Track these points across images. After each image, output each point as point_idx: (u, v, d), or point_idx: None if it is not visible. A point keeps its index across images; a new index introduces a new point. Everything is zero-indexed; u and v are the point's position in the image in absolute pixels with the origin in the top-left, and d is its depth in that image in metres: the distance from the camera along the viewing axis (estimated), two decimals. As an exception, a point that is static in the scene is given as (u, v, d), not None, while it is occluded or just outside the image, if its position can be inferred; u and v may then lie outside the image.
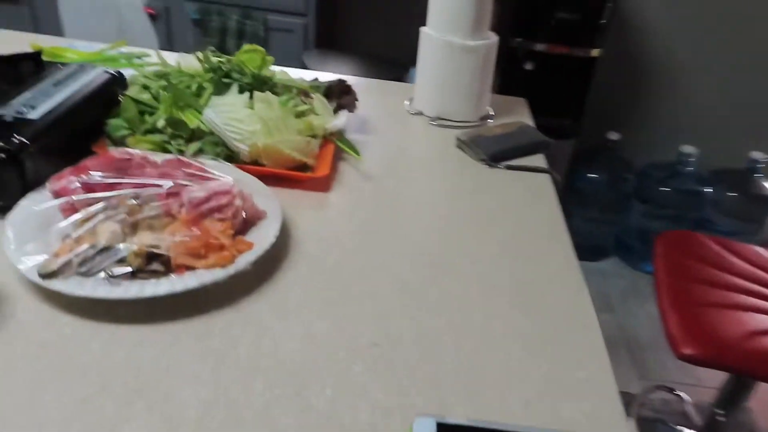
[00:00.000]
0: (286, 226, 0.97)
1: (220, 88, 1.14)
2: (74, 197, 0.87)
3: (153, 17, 3.82)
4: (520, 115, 1.46)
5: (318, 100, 1.21)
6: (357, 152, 1.19)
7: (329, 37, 2.92)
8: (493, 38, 1.35)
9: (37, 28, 2.68)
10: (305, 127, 1.14)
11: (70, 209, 0.87)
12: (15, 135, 0.90)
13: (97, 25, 2.47)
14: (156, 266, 0.78)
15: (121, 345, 0.72)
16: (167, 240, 0.81)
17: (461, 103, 1.38)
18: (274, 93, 1.16)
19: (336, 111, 1.25)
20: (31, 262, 0.77)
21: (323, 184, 1.11)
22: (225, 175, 0.93)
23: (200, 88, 1.19)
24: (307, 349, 0.75)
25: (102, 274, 0.76)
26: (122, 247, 0.77)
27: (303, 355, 0.74)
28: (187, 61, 1.29)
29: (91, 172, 0.89)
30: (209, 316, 0.78)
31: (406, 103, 1.45)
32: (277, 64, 1.32)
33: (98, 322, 0.75)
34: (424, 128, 1.37)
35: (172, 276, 0.78)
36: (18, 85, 1.05)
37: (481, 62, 1.34)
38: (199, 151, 1.08)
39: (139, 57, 1.48)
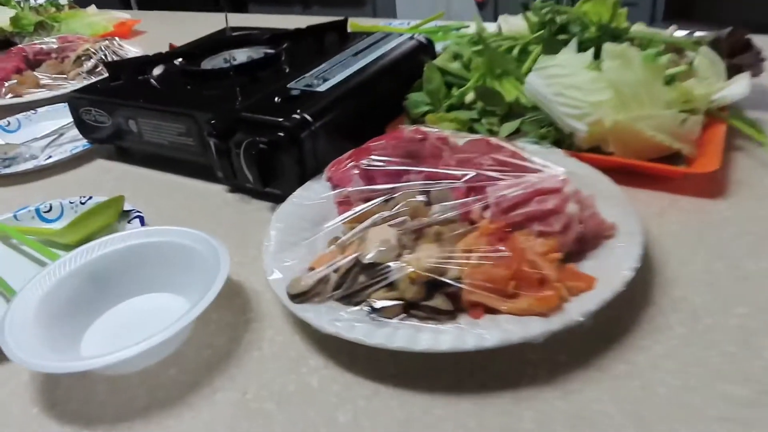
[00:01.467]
0: (649, 252, 0.60)
1: (552, 47, 0.82)
2: (349, 188, 0.66)
3: (480, 5, 3.71)
4: None
5: (703, 58, 0.79)
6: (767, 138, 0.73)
7: (682, 9, 2.33)
8: None
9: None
10: (679, 97, 0.74)
11: (346, 203, 0.66)
12: (298, 111, 0.73)
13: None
14: (438, 302, 0.50)
15: (375, 416, 0.47)
16: (458, 260, 0.52)
17: None
18: (632, 48, 0.78)
19: (729, 75, 0.80)
20: (286, 272, 0.57)
21: (708, 186, 0.70)
22: (553, 166, 0.60)
23: (523, 52, 0.88)
24: None
25: (363, 304, 0.52)
26: (394, 266, 0.51)
27: None
28: (511, 24, 1.00)
29: (373, 156, 0.66)
30: (511, 395, 0.47)
31: None
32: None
33: (351, 373, 0.51)
34: None
35: (461, 321, 0.50)
36: (319, 56, 0.90)
37: None
38: (516, 133, 0.78)
39: (457, 29, 1.26)
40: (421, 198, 0.60)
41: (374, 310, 0.50)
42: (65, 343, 0.55)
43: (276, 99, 0.77)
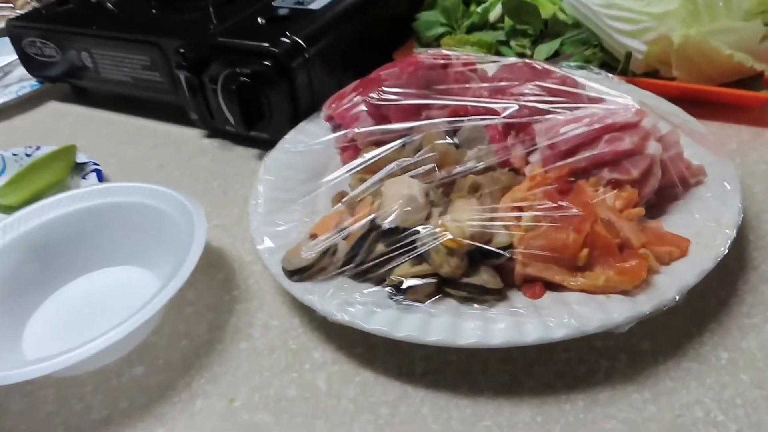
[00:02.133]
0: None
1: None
2: (356, 129, 0.52)
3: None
4: None
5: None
6: None
7: None
8: None
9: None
10: (760, 6, 0.59)
11: (352, 149, 0.53)
12: (288, 34, 0.59)
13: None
14: (485, 277, 0.38)
15: (402, 427, 0.36)
16: (507, 221, 0.39)
17: None
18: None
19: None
20: (280, 240, 0.44)
21: (799, 116, 0.57)
22: (619, 94, 0.46)
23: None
24: None
25: (384, 283, 0.40)
26: (423, 231, 0.39)
27: None
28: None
29: (384, 87, 0.53)
30: (584, 398, 0.36)
31: None
32: None
33: (369, 370, 0.39)
34: None
35: (515, 302, 0.38)
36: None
37: None
38: (554, 56, 0.64)
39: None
40: (449, 140, 0.47)
41: (399, 290, 0.38)
42: (0, 337, 0.43)
43: (260, 20, 0.63)
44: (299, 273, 0.40)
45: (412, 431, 0.36)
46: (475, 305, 0.37)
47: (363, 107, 0.53)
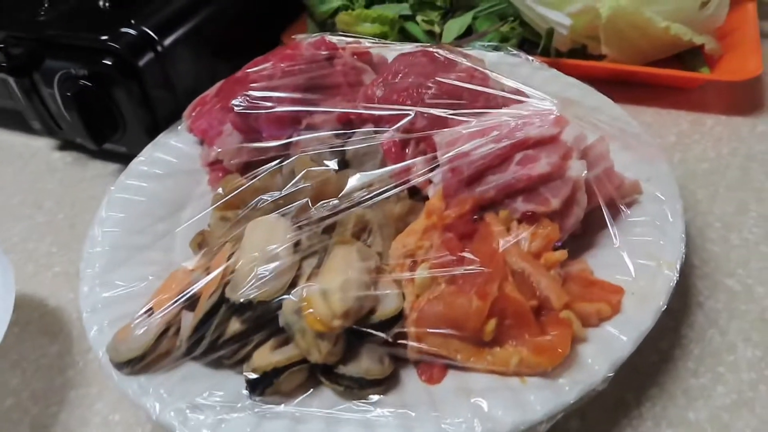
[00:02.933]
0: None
1: None
2: (216, 147, 0.42)
3: None
4: None
5: None
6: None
7: None
8: None
9: None
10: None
11: (221, 171, 0.43)
12: (132, 22, 0.47)
13: None
14: (366, 365, 0.29)
15: None
16: (397, 279, 0.31)
17: None
18: None
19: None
20: (117, 311, 0.34)
21: (739, 96, 0.49)
22: (536, 93, 0.37)
23: None
24: None
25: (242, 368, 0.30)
26: (287, 305, 0.29)
27: None
28: None
29: (252, 90, 0.42)
30: None
31: None
32: None
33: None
34: None
35: (408, 389, 0.29)
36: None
37: None
38: (467, 34, 0.54)
39: None
40: (331, 164, 0.37)
41: (254, 385, 0.29)
42: None
43: (101, 3, 0.50)
44: (130, 364, 0.31)
45: None
46: (358, 403, 0.29)
47: (228, 116, 0.42)
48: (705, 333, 0.34)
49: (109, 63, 0.45)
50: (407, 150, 0.39)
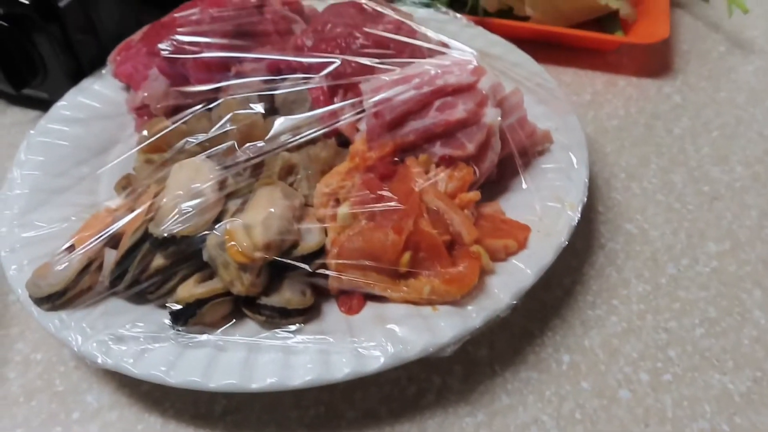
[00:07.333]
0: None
1: None
2: (142, 92, 0.41)
3: None
4: None
5: None
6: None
7: None
8: None
9: None
10: (617, -66, 0.53)
11: (148, 116, 0.42)
12: (55, -41, 0.45)
13: None
14: (287, 296, 0.30)
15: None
16: (319, 217, 0.32)
17: None
18: None
19: None
20: (37, 250, 0.34)
21: (650, 60, 0.53)
22: (457, 45, 0.39)
23: None
24: None
25: (165, 301, 0.31)
26: (210, 239, 0.30)
27: None
28: None
29: (179, 35, 0.42)
30: (412, 423, 0.31)
31: None
32: None
33: (156, 414, 0.32)
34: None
35: (326, 320, 0.31)
36: None
37: None
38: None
39: None
40: (258, 108, 0.38)
41: (177, 316, 0.30)
42: None
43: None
44: (50, 300, 0.31)
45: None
46: (278, 330, 0.30)
47: (154, 61, 0.42)
48: (604, 271, 0.37)
49: (27, 2, 0.43)
50: (336, 99, 0.40)
